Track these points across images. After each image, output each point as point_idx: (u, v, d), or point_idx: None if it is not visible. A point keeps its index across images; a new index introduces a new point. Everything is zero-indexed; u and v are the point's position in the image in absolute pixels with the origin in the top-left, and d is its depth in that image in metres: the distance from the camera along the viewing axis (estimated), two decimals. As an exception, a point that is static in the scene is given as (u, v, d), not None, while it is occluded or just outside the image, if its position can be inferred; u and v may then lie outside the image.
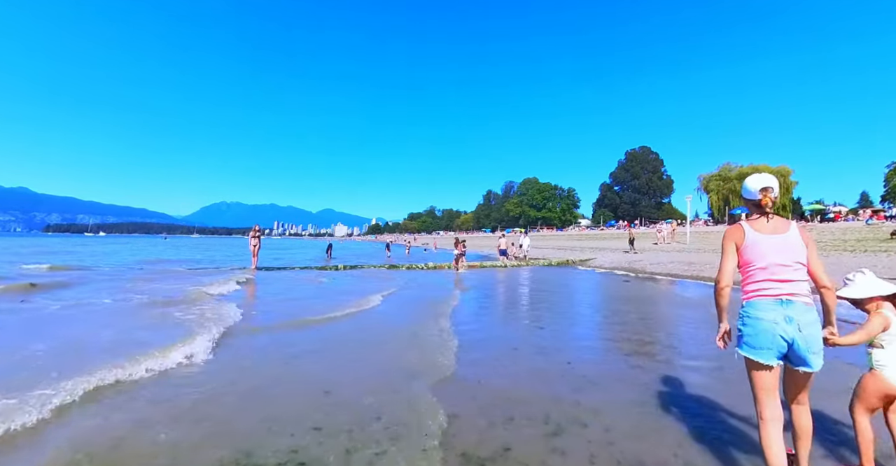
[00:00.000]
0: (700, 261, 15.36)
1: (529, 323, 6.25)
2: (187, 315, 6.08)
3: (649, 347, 4.73)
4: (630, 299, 8.95)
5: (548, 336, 5.38)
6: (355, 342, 4.95)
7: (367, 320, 6.33)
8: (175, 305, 6.94)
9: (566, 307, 8.04)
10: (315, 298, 8.64)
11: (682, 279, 12.48)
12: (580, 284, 12.06)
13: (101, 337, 4.80)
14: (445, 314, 6.65)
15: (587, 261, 18.41)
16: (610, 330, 5.90)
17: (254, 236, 14.50)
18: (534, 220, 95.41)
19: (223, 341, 4.73)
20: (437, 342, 4.87)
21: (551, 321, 6.44)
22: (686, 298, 9.31)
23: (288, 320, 6.09)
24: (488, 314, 7.40)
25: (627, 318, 6.54)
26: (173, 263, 17.80)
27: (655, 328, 5.86)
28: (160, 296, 7.78)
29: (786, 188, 59.50)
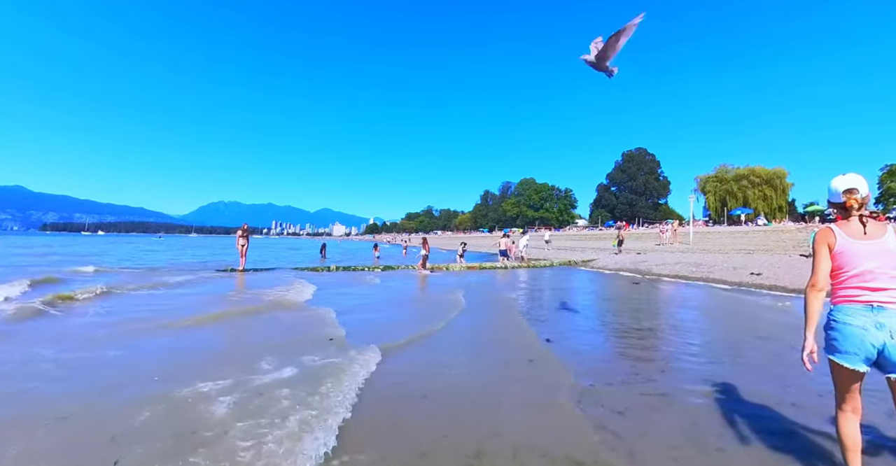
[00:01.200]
0: (707, 263, 14.84)
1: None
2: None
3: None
4: (664, 306, 8.39)
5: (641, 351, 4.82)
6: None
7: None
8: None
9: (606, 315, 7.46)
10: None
11: (693, 281, 11.97)
12: (593, 288, 11.51)
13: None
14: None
15: (590, 262, 17.87)
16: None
17: (241, 236, 13.85)
18: (531, 220, 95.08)
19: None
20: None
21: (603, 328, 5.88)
22: (721, 306, 8.65)
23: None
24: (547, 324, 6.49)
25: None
26: (194, 264, 16.87)
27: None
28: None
29: (782, 190, 59.43)
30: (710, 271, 13.07)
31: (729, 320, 6.81)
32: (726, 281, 11.56)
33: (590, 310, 7.62)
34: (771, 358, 4.39)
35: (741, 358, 4.35)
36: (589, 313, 7.31)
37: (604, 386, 3.46)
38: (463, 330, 5.79)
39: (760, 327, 6.02)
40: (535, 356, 4.37)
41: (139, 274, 12.30)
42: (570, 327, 6.06)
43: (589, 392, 3.32)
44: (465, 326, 6.09)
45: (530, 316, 6.80)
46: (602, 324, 6.35)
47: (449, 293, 9.41)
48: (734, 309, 7.85)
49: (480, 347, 4.87)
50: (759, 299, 8.82)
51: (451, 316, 6.65)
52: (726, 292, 9.93)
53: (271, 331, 5.48)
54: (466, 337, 5.40)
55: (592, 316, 7.09)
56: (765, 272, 12.05)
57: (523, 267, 16.89)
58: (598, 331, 5.86)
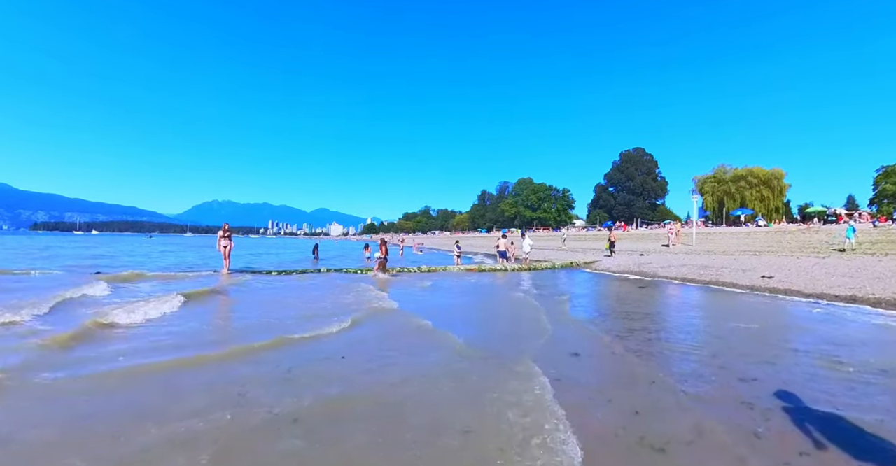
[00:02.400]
0: (714, 265, 14.41)
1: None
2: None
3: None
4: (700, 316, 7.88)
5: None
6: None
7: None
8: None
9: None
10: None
11: (703, 285, 11.48)
12: (609, 293, 11.01)
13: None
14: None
15: (592, 264, 17.39)
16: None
17: (222, 236, 13.03)
18: (529, 221, 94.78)
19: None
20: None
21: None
22: (754, 313, 8.07)
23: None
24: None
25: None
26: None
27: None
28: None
29: (780, 190, 59.46)
30: (719, 274, 12.62)
31: (785, 334, 5.75)
32: (737, 284, 11.09)
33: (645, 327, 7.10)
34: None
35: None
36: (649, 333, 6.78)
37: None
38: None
39: (840, 349, 4.81)
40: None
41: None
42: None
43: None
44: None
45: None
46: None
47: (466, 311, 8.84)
48: (774, 319, 7.05)
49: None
50: (786, 305, 8.30)
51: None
52: (744, 297, 9.43)
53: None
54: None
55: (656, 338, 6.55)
56: (776, 275, 11.61)
57: (524, 269, 16.38)
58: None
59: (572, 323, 6.53)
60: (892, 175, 50.51)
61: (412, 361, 4.32)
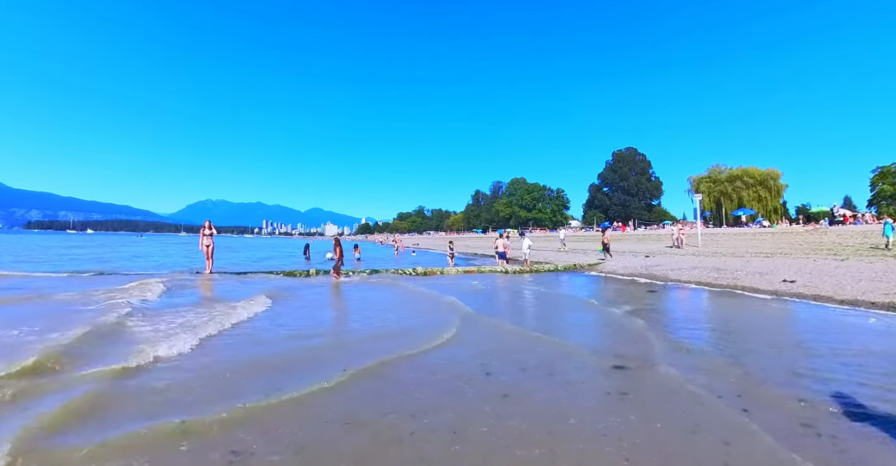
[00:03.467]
0: (727, 267, 13.60)
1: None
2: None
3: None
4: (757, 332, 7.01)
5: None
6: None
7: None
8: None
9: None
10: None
11: (723, 289, 10.65)
12: (629, 299, 10.15)
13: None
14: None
15: (596, 266, 16.54)
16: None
17: (204, 235, 12.02)
18: (524, 221, 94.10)
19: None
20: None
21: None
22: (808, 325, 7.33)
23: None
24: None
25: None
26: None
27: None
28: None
29: (777, 191, 59.07)
30: (735, 277, 11.81)
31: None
32: (758, 288, 10.28)
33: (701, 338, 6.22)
34: None
35: None
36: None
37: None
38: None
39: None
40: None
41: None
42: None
43: None
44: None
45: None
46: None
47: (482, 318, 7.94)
48: (850, 336, 5.71)
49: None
50: (828, 314, 7.45)
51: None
52: (776, 304, 8.58)
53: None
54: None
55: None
56: (798, 279, 10.82)
57: (525, 271, 15.51)
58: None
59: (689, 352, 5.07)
60: (888, 176, 50.26)
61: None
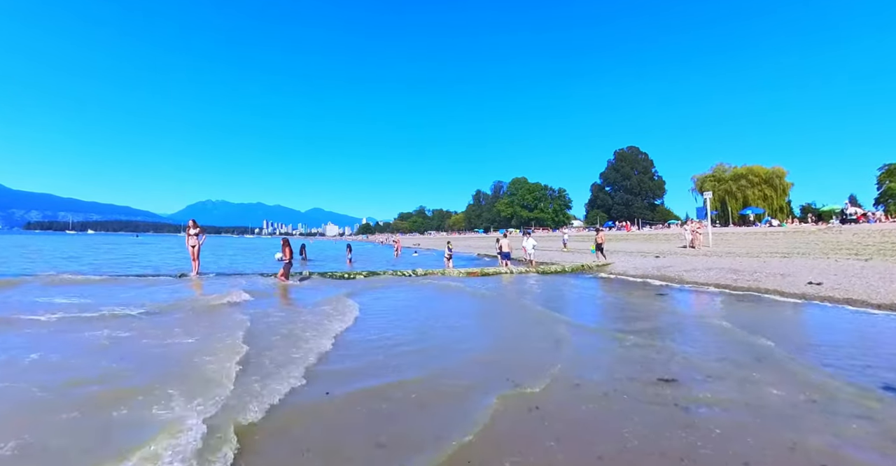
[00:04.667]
0: (744, 268, 12.89)
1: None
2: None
3: None
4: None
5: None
6: None
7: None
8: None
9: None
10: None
11: (745, 292, 9.96)
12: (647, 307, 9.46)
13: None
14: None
15: (605, 267, 15.84)
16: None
17: (189, 235, 11.25)
18: (526, 221, 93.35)
19: None
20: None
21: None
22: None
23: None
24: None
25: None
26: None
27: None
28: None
29: (782, 189, 58.25)
30: (756, 279, 11.10)
31: None
32: (783, 291, 9.58)
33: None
34: None
35: None
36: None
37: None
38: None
39: None
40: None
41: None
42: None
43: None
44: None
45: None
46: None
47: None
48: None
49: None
50: (877, 321, 6.75)
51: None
52: (811, 310, 7.87)
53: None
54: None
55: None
56: (823, 280, 10.11)
57: (531, 272, 14.82)
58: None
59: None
60: (895, 174, 49.45)
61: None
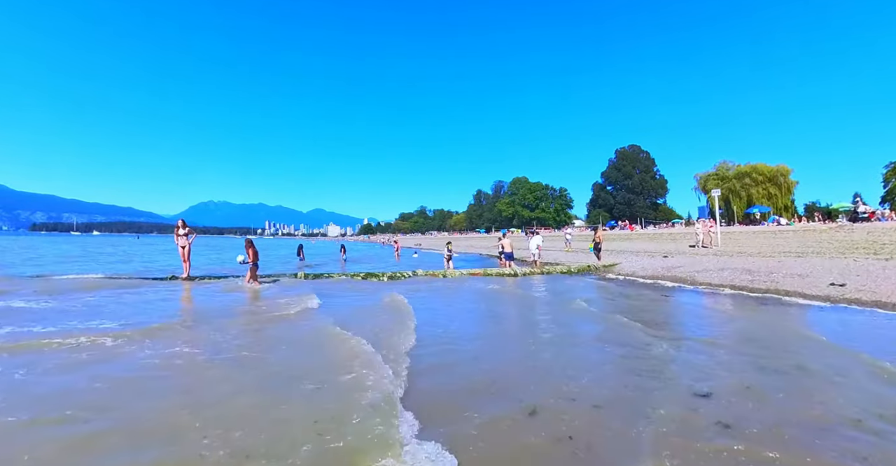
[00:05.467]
0: (758, 269, 12.31)
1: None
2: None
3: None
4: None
5: None
6: None
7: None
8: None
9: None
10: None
11: (764, 294, 9.39)
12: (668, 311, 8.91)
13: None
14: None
15: (612, 267, 15.28)
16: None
17: (178, 235, 10.69)
18: (528, 221, 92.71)
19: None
20: None
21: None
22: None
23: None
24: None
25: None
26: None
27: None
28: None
29: (787, 188, 57.42)
30: (773, 280, 10.53)
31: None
32: (805, 293, 9.02)
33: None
34: None
35: None
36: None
37: None
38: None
39: None
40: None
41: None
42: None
43: None
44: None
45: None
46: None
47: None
48: None
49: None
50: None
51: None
52: (844, 315, 7.32)
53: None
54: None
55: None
56: (846, 281, 9.55)
57: (536, 273, 14.27)
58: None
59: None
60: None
61: None
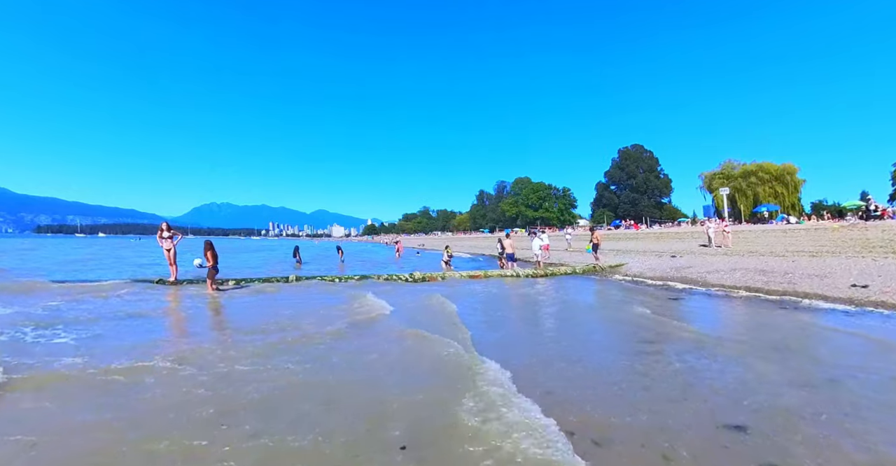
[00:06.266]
0: (772, 269, 11.78)
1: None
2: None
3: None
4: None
5: None
6: None
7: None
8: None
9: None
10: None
11: (781, 297, 8.86)
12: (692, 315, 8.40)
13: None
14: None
15: (618, 268, 14.76)
16: None
17: (162, 238, 10.19)
18: (531, 221, 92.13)
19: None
20: None
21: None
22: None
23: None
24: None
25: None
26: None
27: None
28: None
29: (794, 186, 56.62)
30: (789, 281, 10.00)
31: None
32: (825, 295, 8.49)
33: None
34: None
35: None
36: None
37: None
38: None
39: None
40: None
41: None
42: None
43: None
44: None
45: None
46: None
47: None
48: None
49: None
50: None
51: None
52: (872, 321, 6.82)
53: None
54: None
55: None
56: (868, 282, 9.01)
57: (539, 274, 13.77)
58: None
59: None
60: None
61: None
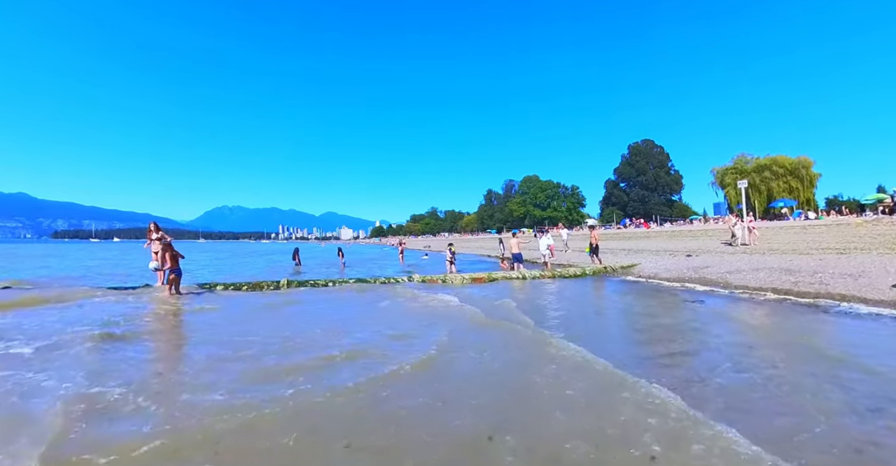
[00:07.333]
0: (799, 268, 10.89)
1: None
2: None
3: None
4: None
5: None
6: None
7: None
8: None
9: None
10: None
11: (815, 299, 8.05)
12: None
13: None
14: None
15: (631, 268, 13.96)
16: None
17: (153, 239, 9.64)
18: (539, 220, 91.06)
19: None
20: None
21: None
22: None
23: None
24: None
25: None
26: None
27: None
28: None
29: (809, 181, 54.86)
30: (820, 281, 9.15)
31: None
32: (865, 298, 7.66)
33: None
34: None
35: None
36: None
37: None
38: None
39: None
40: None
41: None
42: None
43: None
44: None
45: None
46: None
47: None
48: None
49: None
50: None
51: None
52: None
53: None
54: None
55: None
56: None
57: (546, 276, 13.04)
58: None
59: None
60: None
61: None
